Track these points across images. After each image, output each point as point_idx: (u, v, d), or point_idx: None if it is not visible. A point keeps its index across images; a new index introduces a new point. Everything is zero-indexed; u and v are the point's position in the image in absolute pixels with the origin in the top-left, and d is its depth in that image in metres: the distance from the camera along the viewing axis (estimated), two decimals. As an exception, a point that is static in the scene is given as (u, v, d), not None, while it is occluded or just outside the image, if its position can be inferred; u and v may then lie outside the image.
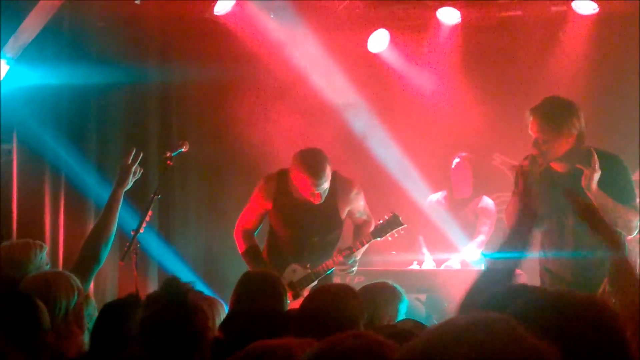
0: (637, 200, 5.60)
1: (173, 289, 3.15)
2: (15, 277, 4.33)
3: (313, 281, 6.39)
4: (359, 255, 6.52)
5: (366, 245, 6.52)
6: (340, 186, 6.45)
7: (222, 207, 8.62)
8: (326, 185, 6.29)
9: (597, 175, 5.36)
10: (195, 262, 8.62)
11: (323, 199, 6.32)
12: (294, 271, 6.42)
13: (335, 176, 6.40)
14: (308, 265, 6.43)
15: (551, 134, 5.50)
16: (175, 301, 3.11)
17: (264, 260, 6.51)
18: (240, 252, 6.61)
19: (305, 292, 6.29)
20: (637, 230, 5.58)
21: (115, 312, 3.72)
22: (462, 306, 2.91)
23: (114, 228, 5.22)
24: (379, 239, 6.48)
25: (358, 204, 6.56)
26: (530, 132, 5.57)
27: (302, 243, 6.47)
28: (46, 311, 3.60)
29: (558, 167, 5.66)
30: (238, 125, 8.63)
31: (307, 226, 6.43)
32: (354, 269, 6.51)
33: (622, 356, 2.13)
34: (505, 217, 5.87)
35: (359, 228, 6.66)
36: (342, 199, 6.47)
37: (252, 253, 6.52)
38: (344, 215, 6.54)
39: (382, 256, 8.13)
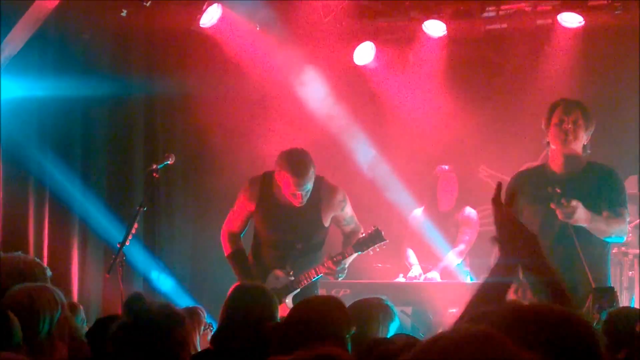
0: (627, 209, 5.69)
1: (136, 307, 3.16)
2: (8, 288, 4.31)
3: (296, 289, 6.37)
4: (347, 263, 6.47)
5: (352, 257, 6.48)
6: (324, 192, 6.44)
7: (207, 218, 8.60)
8: (309, 186, 6.29)
9: (578, 213, 5.38)
10: (181, 274, 8.60)
11: (304, 201, 6.31)
12: (277, 278, 6.39)
13: (321, 181, 6.43)
14: (291, 272, 6.40)
15: (581, 116, 5.64)
16: (140, 320, 3.13)
17: (248, 264, 6.50)
18: (225, 255, 6.59)
19: (287, 300, 6.30)
20: (625, 234, 5.88)
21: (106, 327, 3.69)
22: (460, 319, 2.93)
23: None
24: (360, 252, 6.45)
25: (343, 211, 6.52)
26: (554, 121, 5.66)
27: (286, 248, 6.43)
28: (18, 324, 3.56)
29: (556, 167, 5.69)
30: (223, 137, 8.62)
31: (289, 230, 6.40)
32: (341, 275, 6.46)
33: None
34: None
35: (347, 237, 6.60)
36: (325, 204, 6.44)
37: (237, 256, 6.52)
38: (327, 221, 6.50)
39: (368, 269, 8.14)
